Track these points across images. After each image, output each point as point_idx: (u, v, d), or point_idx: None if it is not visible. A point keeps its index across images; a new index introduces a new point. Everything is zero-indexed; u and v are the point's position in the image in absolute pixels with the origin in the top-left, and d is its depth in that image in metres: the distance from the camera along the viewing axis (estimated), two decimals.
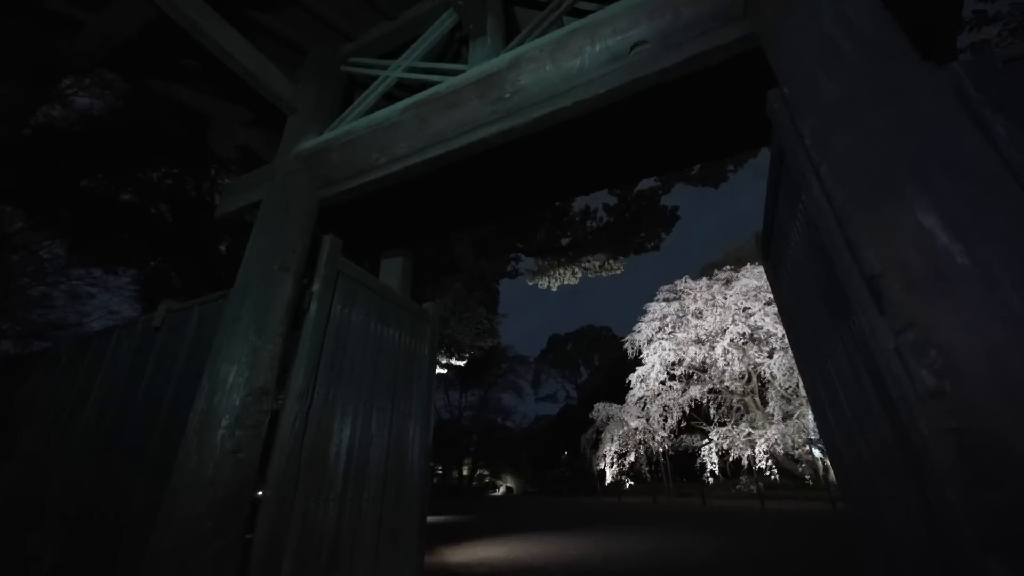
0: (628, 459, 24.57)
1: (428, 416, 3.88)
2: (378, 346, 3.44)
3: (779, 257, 2.76)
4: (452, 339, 8.24)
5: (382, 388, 3.39)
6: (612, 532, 10.87)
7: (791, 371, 19.74)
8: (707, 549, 7.95)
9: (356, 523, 2.88)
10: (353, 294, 3.29)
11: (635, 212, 10.87)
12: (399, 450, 3.43)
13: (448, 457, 43.06)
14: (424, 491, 3.61)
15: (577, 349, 60.03)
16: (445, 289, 7.43)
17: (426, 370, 3.99)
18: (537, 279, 13.74)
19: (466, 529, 12.92)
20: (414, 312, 3.99)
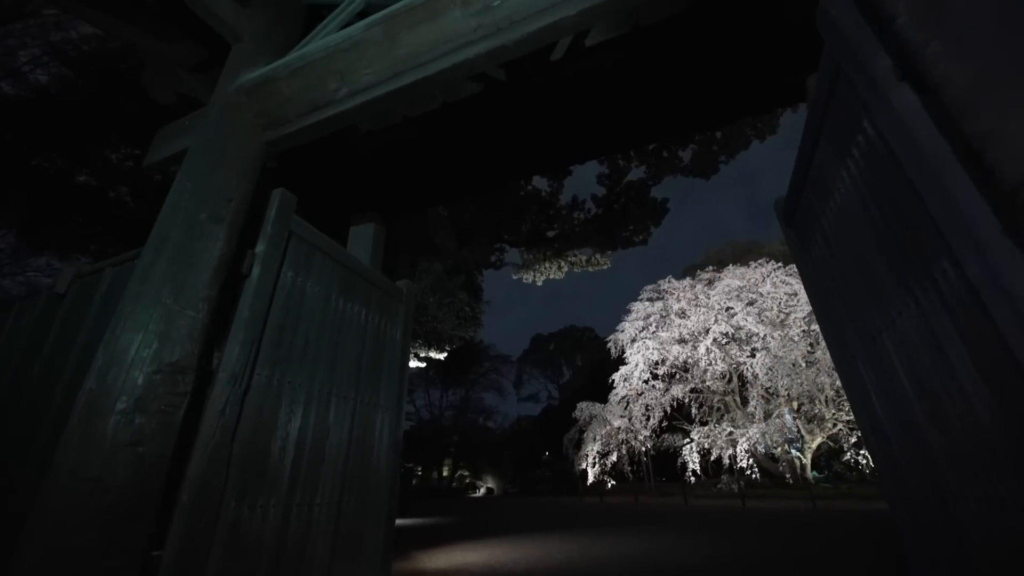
0: (610, 459, 24.37)
1: (399, 408, 3.39)
2: (340, 324, 2.94)
3: (811, 219, 2.38)
4: (431, 328, 7.67)
5: (344, 373, 2.89)
6: (596, 533, 10.51)
7: (772, 370, 19.82)
8: (695, 551, 7.64)
9: (305, 533, 2.38)
10: (309, 261, 2.79)
11: (624, 203, 10.53)
12: (363, 446, 2.94)
13: (428, 458, 42.23)
14: (393, 493, 3.12)
15: (560, 349, 59.89)
16: (423, 273, 6.86)
17: (398, 355, 3.50)
18: (522, 272, 13.31)
19: (445, 532, 12.39)
20: (385, 289, 3.50)
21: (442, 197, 4.14)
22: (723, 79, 3.11)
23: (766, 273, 24.31)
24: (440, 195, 4.06)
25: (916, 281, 1.49)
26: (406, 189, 3.85)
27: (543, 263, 12.86)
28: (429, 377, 42.52)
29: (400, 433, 3.33)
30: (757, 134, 9.71)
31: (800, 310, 22.18)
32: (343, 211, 3.84)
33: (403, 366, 3.52)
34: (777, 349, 19.85)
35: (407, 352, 3.61)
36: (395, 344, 3.50)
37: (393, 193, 3.82)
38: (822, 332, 2.46)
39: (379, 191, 3.75)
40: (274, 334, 2.42)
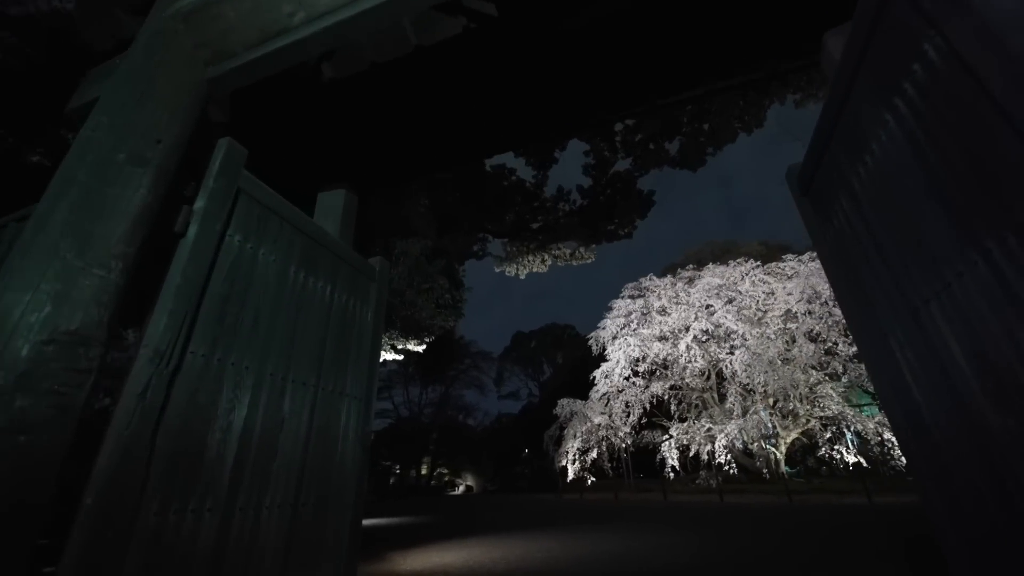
0: (590, 455, 24.33)
1: (369, 398, 3.04)
2: (300, 300, 2.57)
3: (833, 185, 2.14)
4: (408, 316, 7.22)
5: (303, 357, 2.52)
6: (577, 531, 10.30)
7: (750, 367, 20.06)
8: (681, 549, 7.49)
9: (252, 540, 2.02)
10: (263, 226, 2.41)
11: (610, 195, 10.33)
12: (325, 439, 2.58)
13: (406, 456, 41.55)
14: (360, 493, 2.77)
15: (541, 347, 59.89)
16: (400, 256, 6.40)
17: (368, 339, 3.14)
18: (505, 265, 12.99)
19: (422, 531, 12.01)
20: (355, 265, 3.13)
21: (420, 168, 3.78)
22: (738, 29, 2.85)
23: (745, 271, 24.63)
24: (418, 165, 3.69)
25: (990, 232, 1.23)
26: (380, 158, 3.48)
27: (526, 256, 12.57)
28: (408, 373, 41.78)
29: (369, 426, 2.98)
30: (744, 126, 9.63)
31: (777, 308, 22.55)
32: (309, 180, 3.45)
33: (374, 351, 3.16)
34: (756, 346, 20.09)
35: (379, 336, 3.26)
36: (365, 327, 3.14)
37: (366, 162, 3.45)
38: (843, 310, 2.22)
39: (350, 159, 3.37)
40: (215, 306, 2.04)
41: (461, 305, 8.31)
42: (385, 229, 6.20)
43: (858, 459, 17.73)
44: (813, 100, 9.17)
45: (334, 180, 3.39)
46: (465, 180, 8.83)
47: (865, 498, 14.83)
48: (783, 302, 22.23)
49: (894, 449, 16.40)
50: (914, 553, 6.32)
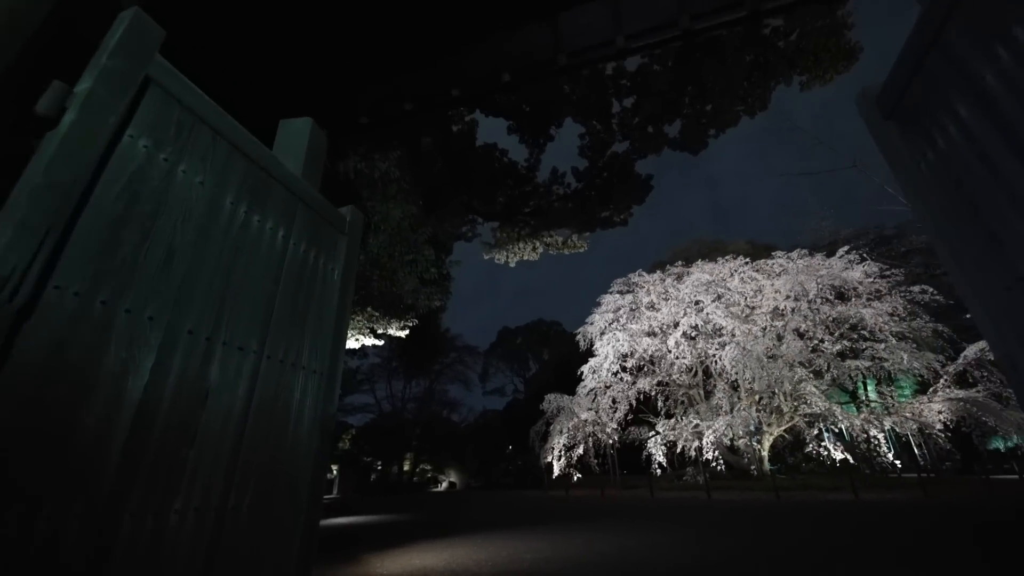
0: (577, 451, 24.01)
1: (333, 375, 2.45)
2: (240, 242, 1.97)
3: (935, 100, 1.64)
4: (388, 292, 6.54)
5: (242, 314, 1.93)
6: (567, 530, 9.85)
7: (738, 363, 19.90)
8: (680, 548, 7.07)
9: (148, 557, 1.44)
10: (188, 136, 1.81)
11: (607, 178, 9.84)
12: (271, 422, 2.00)
13: (389, 451, 40.69)
14: (316, 490, 2.20)
15: (527, 343, 59.61)
16: (380, 222, 5.69)
17: (334, 303, 2.56)
18: (494, 252, 12.43)
19: (403, 530, 11.42)
20: (319, 210, 2.54)
21: (402, 95, 3.17)
22: None
23: (734, 268, 24.55)
24: (387, 65, 3.07)
25: None
26: (355, 83, 2.88)
27: (517, 243, 12.03)
28: (391, 367, 40.87)
29: (332, 408, 2.40)
30: (747, 109, 9.24)
31: (765, 305, 22.51)
32: (266, 110, 2.83)
33: (342, 317, 2.58)
34: (745, 342, 19.95)
35: (348, 300, 2.67)
36: (331, 287, 2.56)
37: (338, 87, 2.85)
38: (942, 255, 1.73)
39: (318, 83, 2.77)
40: (101, 229, 1.44)
41: (448, 283, 7.66)
42: (362, 190, 5.51)
43: (844, 456, 17.72)
44: (819, 83, 8.83)
45: (298, 111, 2.78)
46: (453, 154, 8.21)
47: (851, 494, 14.77)
48: (771, 299, 22.19)
49: (880, 446, 16.39)
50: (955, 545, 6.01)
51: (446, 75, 2.94)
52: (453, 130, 8.47)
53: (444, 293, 7.70)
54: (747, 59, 8.53)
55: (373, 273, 5.98)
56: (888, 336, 18.89)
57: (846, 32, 7.86)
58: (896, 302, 19.66)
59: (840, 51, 8.05)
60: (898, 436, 18.95)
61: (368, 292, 6.44)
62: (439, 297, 7.57)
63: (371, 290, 6.34)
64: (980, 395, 15.88)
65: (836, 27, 7.83)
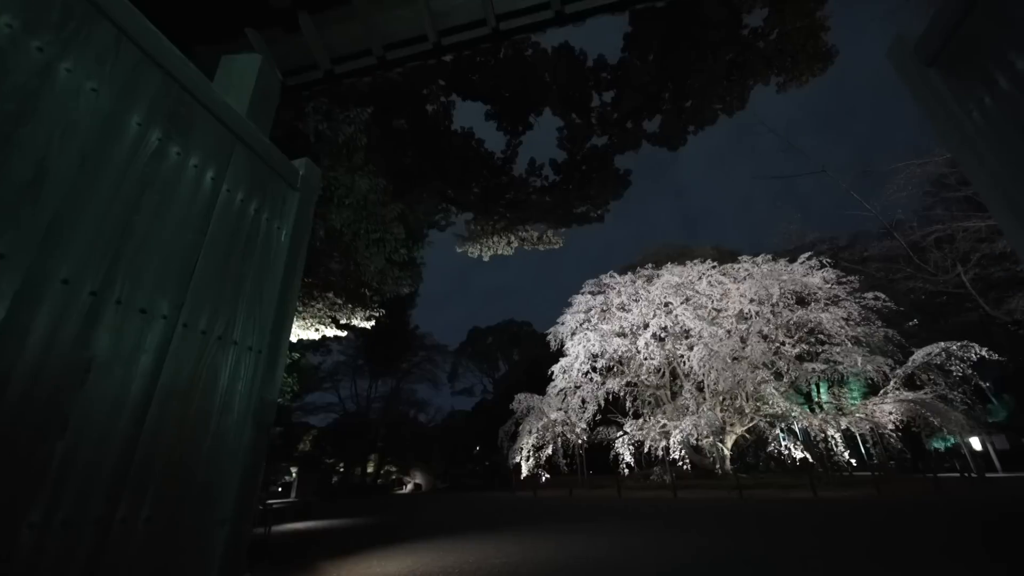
0: (545, 452, 23.86)
1: (276, 352, 2.02)
2: (152, 177, 1.53)
3: (991, 42, 1.42)
4: (352, 274, 5.95)
5: (151, 268, 1.49)
6: (536, 532, 9.56)
7: (705, 363, 20.27)
8: (654, 551, 6.90)
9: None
10: (78, 25, 1.36)
11: (585, 172, 9.64)
12: (185, 409, 1.56)
13: (352, 453, 39.32)
14: (248, 495, 1.77)
15: (498, 343, 59.29)
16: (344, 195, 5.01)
17: (280, 267, 2.13)
18: (468, 246, 12.02)
19: (364, 535, 10.82)
20: (267, 157, 2.10)
21: None
22: None
23: (702, 271, 25.09)
24: None
25: None
26: None
27: (491, 236, 11.66)
28: (357, 365, 39.54)
29: (273, 395, 1.97)
30: (726, 108, 9.25)
31: (731, 308, 23.09)
32: (201, 27, 2.36)
33: (289, 286, 2.15)
34: (712, 343, 20.35)
35: (297, 267, 2.25)
36: (277, 250, 2.13)
37: None
38: (996, 209, 1.50)
39: None
40: None
41: (419, 269, 7.15)
42: (324, 158, 4.94)
43: (804, 455, 18.32)
44: (796, 84, 8.94)
45: (239, 35, 2.33)
46: (426, 137, 7.75)
47: (810, 492, 15.21)
48: (737, 302, 22.78)
49: (837, 445, 17.02)
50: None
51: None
52: (428, 110, 8.01)
53: (414, 278, 7.13)
54: (727, 57, 8.52)
55: (333, 249, 5.40)
56: (844, 340, 19.72)
57: (823, 34, 7.96)
58: (851, 308, 20.57)
59: (817, 53, 8.15)
60: (848, 436, 19.77)
61: (328, 274, 5.86)
62: (408, 282, 7.00)
63: (331, 271, 5.76)
64: (928, 397, 16.75)
65: (814, 29, 7.92)
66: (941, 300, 14.64)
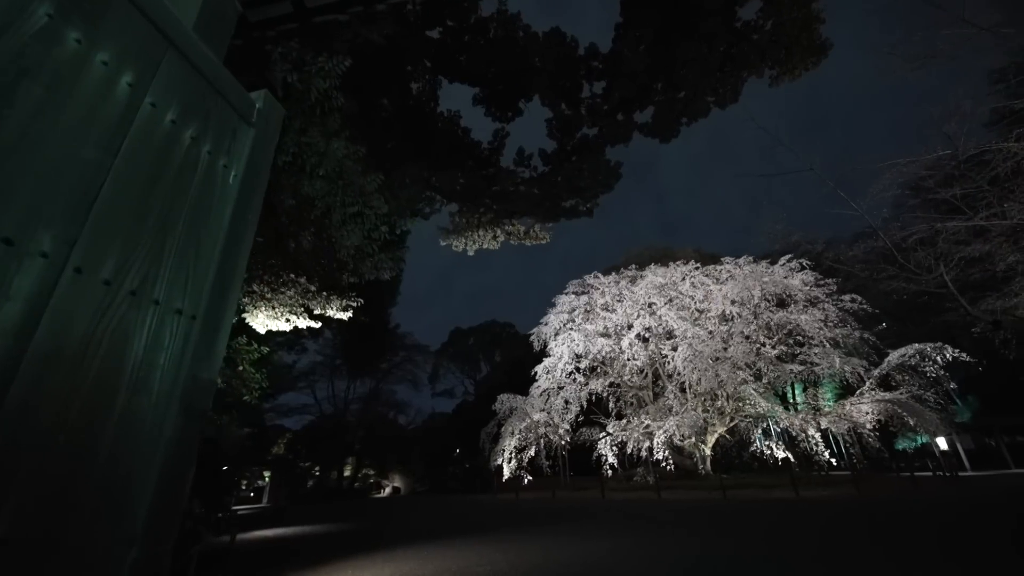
0: (528, 453, 23.53)
1: (219, 319, 1.60)
2: (36, 66, 1.11)
3: None
4: (324, 251, 5.32)
5: (27, 187, 1.07)
6: (520, 537, 9.17)
7: (689, 363, 20.28)
8: (645, 555, 6.59)
9: None
10: None
11: (576, 162, 9.34)
12: (74, 385, 1.13)
13: (329, 455, 38.12)
14: (164, 510, 1.33)
15: (479, 344, 58.82)
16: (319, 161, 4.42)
17: (227, 215, 1.70)
18: (452, 239, 11.58)
19: (339, 542, 10.24)
20: (213, 78, 1.67)
21: None
22: None
23: (686, 272, 25.21)
24: None
25: None
26: None
27: (477, 230, 11.25)
28: (334, 365, 38.38)
29: (211, 375, 1.54)
30: (718, 100, 9.09)
31: (714, 309, 23.22)
32: None
33: (238, 240, 1.72)
34: (696, 344, 20.38)
35: (249, 218, 1.82)
36: (222, 194, 1.69)
37: None
38: None
39: None
40: None
41: (402, 251, 6.59)
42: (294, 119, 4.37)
43: (786, 454, 18.45)
44: (789, 77, 8.85)
45: None
46: (411, 118, 7.30)
47: (792, 492, 15.27)
48: (719, 303, 22.91)
49: (818, 445, 17.17)
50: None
51: None
52: (412, 89, 7.53)
53: (395, 262, 6.55)
54: (721, 48, 8.34)
55: (304, 217, 4.83)
56: (823, 341, 20.01)
57: (818, 26, 7.86)
58: (829, 310, 20.92)
59: (811, 46, 8.04)
60: (823, 436, 20.04)
61: (299, 253, 5.30)
62: (390, 266, 6.42)
63: (302, 250, 5.20)
64: (904, 397, 17.07)
65: (809, 20, 7.81)
66: (923, 300, 14.91)
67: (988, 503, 10.59)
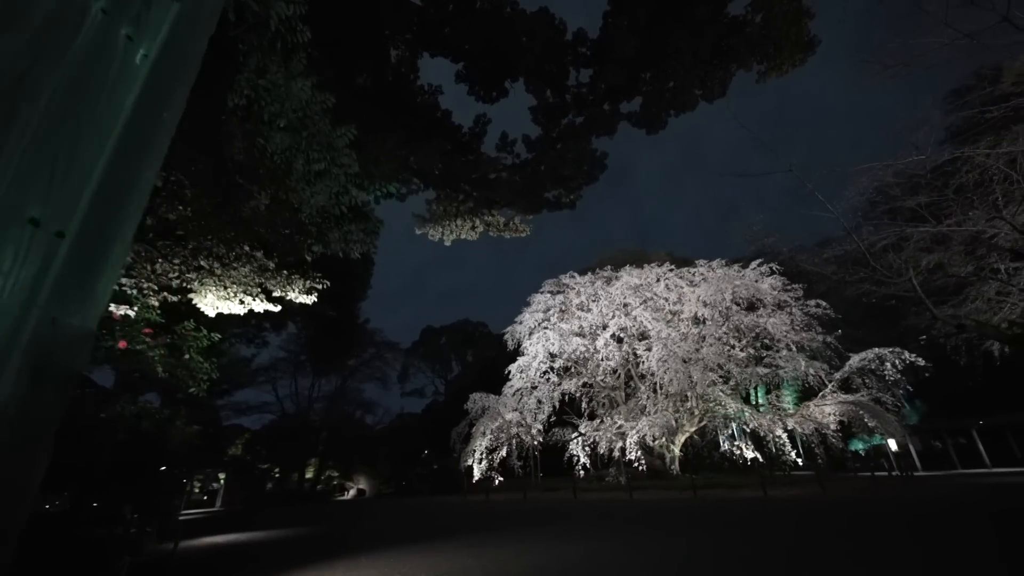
0: (500, 453, 23.11)
1: (104, 249, 1.11)
2: None
3: None
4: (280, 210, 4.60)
5: None
6: (492, 540, 8.73)
7: (663, 363, 20.39)
8: (624, 559, 6.27)
9: None
10: None
11: (561, 150, 9.01)
12: None
13: (291, 457, 36.43)
14: (9, 513, 0.84)
15: (451, 343, 57.97)
16: (277, 111, 3.71)
17: (128, 101, 1.20)
18: (428, 227, 11.02)
19: (296, 548, 9.50)
20: None
21: None
22: None
23: (661, 274, 25.43)
24: None
25: None
26: None
27: (455, 219, 10.75)
28: (299, 362, 36.70)
29: (87, 322, 1.05)
30: (705, 93, 8.96)
31: (687, 311, 23.49)
32: None
33: (141, 143, 1.23)
34: (671, 344, 20.51)
35: (163, 119, 1.32)
36: (122, 73, 1.19)
37: None
38: None
39: None
40: None
41: (377, 224, 5.81)
42: (250, 56, 3.66)
43: (755, 455, 18.76)
44: (776, 73, 8.80)
45: None
46: (389, 90, 6.75)
47: (760, 492, 15.47)
48: (693, 305, 23.21)
49: (785, 445, 17.52)
50: None
51: None
52: (392, 57, 6.95)
53: (368, 235, 5.81)
54: (712, 39, 8.18)
55: (264, 185, 4.17)
56: (789, 344, 20.55)
57: (808, 21, 7.82)
58: (795, 314, 21.54)
59: (800, 42, 8.00)
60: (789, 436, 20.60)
61: (253, 218, 4.58)
62: (360, 239, 5.66)
63: (257, 214, 4.50)
64: (864, 399, 17.67)
65: (798, 15, 7.75)
66: (890, 304, 15.44)
67: (956, 502, 10.93)
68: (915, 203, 12.04)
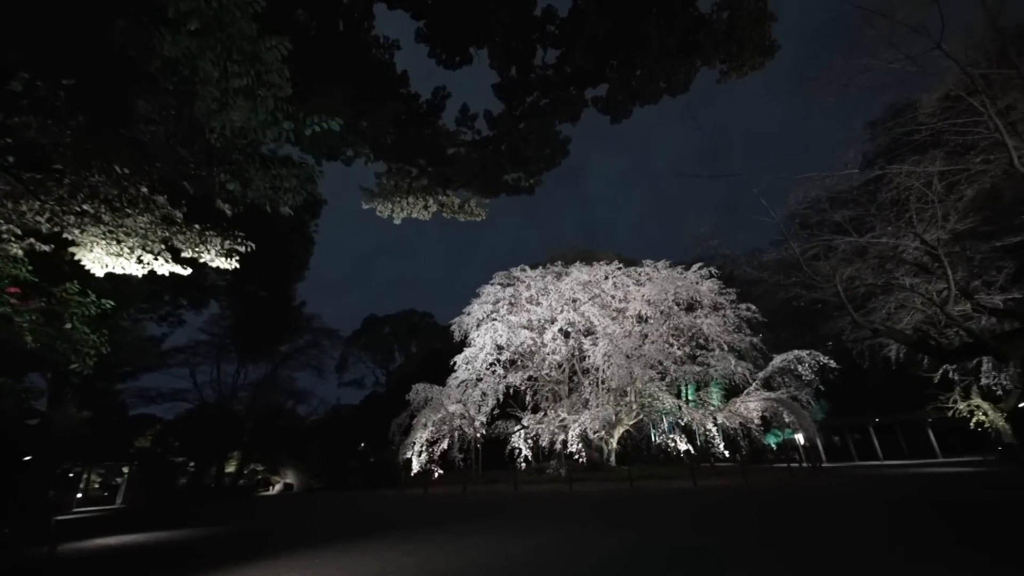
0: (441, 446, 22.53)
1: None
2: None
3: None
4: (178, 136, 3.53)
5: None
6: (433, 534, 8.28)
7: (608, 358, 20.82)
8: (568, 551, 6.08)
9: None
10: None
11: (523, 130, 8.64)
12: None
13: (208, 450, 33.34)
14: None
15: (395, 333, 56.05)
16: (190, 8, 2.96)
17: None
18: (376, 202, 10.23)
19: (207, 550, 8.47)
20: None
21: None
22: None
23: (609, 272, 25.96)
24: None
25: None
26: None
27: (407, 196, 10.07)
28: (223, 345, 33.54)
29: None
30: (669, 87, 8.98)
31: (632, 308, 24.20)
32: None
33: None
34: (616, 340, 20.97)
35: None
36: None
37: None
38: None
39: None
40: None
41: (315, 170, 4.90)
42: None
43: (688, 447, 19.67)
44: (737, 74, 8.98)
45: None
46: (336, 37, 5.97)
47: (690, 482, 16.21)
48: (637, 303, 23.95)
49: (715, 438, 18.51)
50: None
51: None
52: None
53: (303, 184, 4.73)
54: (680, 31, 8.16)
55: (165, 101, 3.28)
56: (722, 345, 21.80)
57: (769, 24, 8.02)
58: (728, 316, 22.91)
59: (761, 45, 8.19)
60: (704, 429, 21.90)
61: (152, 144, 3.59)
62: (294, 187, 4.56)
63: (157, 141, 3.52)
64: (785, 396, 19.10)
65: (762, 16, 7.91)
66: (817, 307, 16.72)
67: (865, 488, 11.98)
68: (841, 217, 13.03)
